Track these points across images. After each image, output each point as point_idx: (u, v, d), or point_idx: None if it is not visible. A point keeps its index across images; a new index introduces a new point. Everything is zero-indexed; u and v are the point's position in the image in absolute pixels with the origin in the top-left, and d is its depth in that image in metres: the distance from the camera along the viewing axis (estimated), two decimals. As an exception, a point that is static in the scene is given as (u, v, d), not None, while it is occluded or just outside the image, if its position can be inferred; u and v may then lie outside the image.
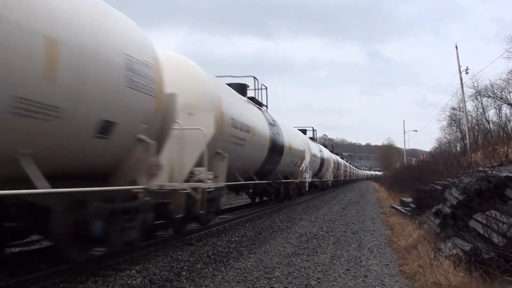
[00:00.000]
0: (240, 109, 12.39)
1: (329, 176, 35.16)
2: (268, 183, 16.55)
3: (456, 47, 33.28)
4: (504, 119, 39.41)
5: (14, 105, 4.25)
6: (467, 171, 10.02)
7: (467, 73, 32.67)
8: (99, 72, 5.38)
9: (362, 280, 6.08)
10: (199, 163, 8.91)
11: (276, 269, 6.72)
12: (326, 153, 34.06)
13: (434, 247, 6.78)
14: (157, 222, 8.70)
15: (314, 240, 9.54)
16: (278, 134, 16.50)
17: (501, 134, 33.29)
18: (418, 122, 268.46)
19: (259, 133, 13.86)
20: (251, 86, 15.62)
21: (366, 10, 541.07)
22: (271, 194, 18.90)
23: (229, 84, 13.42)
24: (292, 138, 19.43)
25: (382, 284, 5.85)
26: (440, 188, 10.27)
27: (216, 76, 12.36)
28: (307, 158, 22.83)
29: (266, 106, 16.89)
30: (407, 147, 70.19)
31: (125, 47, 6.03)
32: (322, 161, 30.25)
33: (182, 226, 9.28)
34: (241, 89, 14.39)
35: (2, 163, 4.48)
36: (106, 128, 5.57)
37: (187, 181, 8.66)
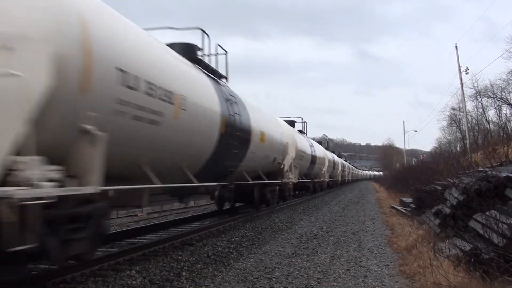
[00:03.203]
0: (152, 60, 7.18)
1: (323, 177, 31.57)
2: (224, 185, 11.91)
3: (456, 47, 33.32)
4: (504, 119, 39.40)
5: None
6: (467, 171, 10.03)
7: (467, 73, 32.73)
8: None
9: (362, 280, 6.08)
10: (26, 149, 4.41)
11: (276, 269, 6.72)
12: (319, 150, 29.63)
13: (434, 247, 6.78)
14: None
15: (314, 240, 9.54)
16: (240, 115, 11.45)
17: (501, 134, 33.28)
18: (417, 123, 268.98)
19: (198, 108, 8.68)
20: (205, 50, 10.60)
21: (353, 10, 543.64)
22: (228, 199, 14.79)
23: (171, 45, 9.08)
24: (266, 125, 14.54)
25: (382, 284, 5.85)
26: (440, 188, 10.28)
27: (146, 29, 8.13)
28: (291, 154, 18.18)
29: (226, 78, 11.95)
30: (407, 147, 70.26)
31: None
32: (314, 158, 25.87)
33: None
34: (187, 50, 9.69)
35: None
36: None
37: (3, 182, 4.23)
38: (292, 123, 24.86)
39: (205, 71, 10.31)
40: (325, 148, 36.42)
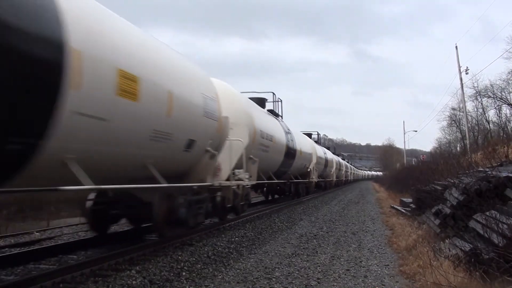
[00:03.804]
0: (265, 121, 15.81)
1: (332, 177, 37.20)
2: (284, 182, 20.37)
3: (456, 47, 33.38)
4: (504, 120, 39.48)
5: (151, 134, 6.90)
6: (467, 172, 10.03)
7: (467, 73, 32.71)
8: (190, 109, 8.36)
9: (362, 280, 6.08)
10: (238, 166, 11.78)
11: (276, 269, 6.72)
12: (330, 155, 36.61)
13: (434, 248, 6.78)
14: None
15: (314, 241, 9.54)
16: (292, 140, 19.80)
17: (501, 134, 33.31)
18: (417, 123, 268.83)
19: (278, 141, 17.19)
20: (269, 99, 18.98)
21: (351, 10, 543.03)
22: (285, 192, 22.46)
23: (251, 98, 16.15)
24: (302, 143, 22.57)
25: (382, 285, 5.85)
26: (440, 188, 10.28)
27: (241, 92, 15.36)
28: (314, 161, 25.66)
29: (282, 116, 19.98)
30: (407, 148, 70.22)
31: (201, 89, 9.04)
32: (326, 162, 32.64)
33: (225, 215, 11.96)
34: (260, 102, 17.57)
35: (138, 169, 7.14)
36: (190, 144, 8.41)
37: (229, 180, 11.16)
38: (309, 135, 32.37)
39: (275, 116, 18.70)
40: (333, 153, 42.77)
